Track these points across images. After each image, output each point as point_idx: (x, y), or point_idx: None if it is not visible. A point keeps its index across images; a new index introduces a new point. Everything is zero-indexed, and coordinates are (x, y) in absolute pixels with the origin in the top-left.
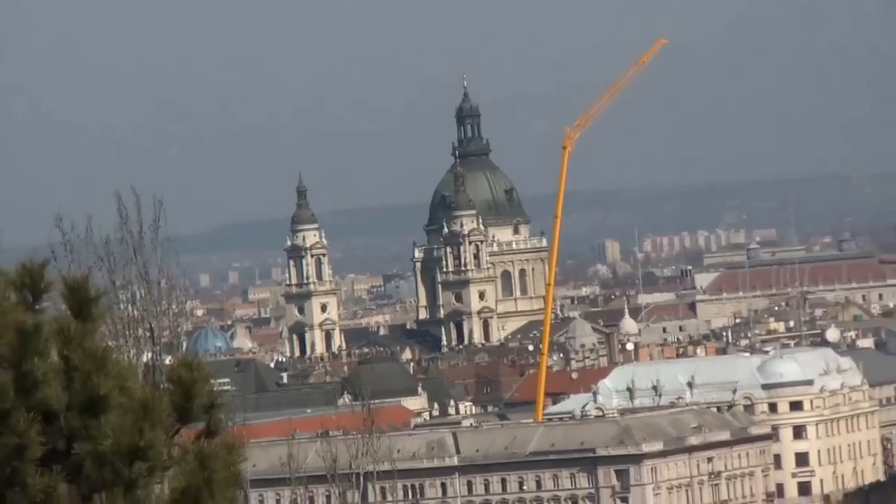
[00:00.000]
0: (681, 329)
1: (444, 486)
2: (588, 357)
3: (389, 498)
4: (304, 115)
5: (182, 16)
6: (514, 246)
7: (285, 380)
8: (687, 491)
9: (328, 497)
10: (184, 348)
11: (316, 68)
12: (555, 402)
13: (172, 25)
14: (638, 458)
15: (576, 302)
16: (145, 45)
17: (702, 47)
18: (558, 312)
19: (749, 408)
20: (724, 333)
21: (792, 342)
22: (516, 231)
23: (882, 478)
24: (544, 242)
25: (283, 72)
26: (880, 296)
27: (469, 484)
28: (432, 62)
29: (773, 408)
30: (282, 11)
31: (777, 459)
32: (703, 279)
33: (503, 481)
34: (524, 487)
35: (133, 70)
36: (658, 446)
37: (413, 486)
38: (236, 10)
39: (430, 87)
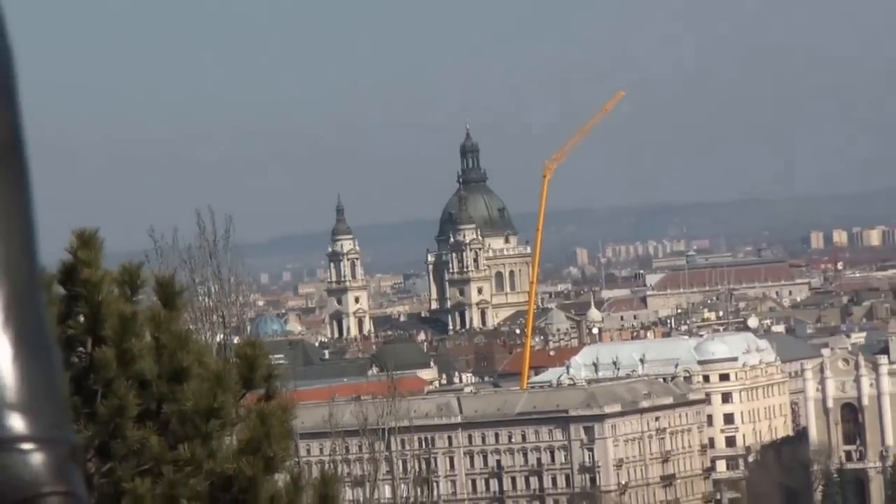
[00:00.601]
0: (635, 317)
1: (450, 438)
2: (562, 339)
3: (407, 447)
4: (342, 154)
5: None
6: (505, 252)
7: (327, 356)
8: (639, 443)
9: (360, 447)
10: (248, 331)
11: (350, 115)
12: (536, 374)
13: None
14: (601, 418)
15: (553, 296)
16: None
17: (653, 94)
18: (539, 304)
19: (687, 379)
20: (669, 321)
21: (721, 328)
22: (507, 241)
23: (790, 433)
24: (528, 250)
25: (327, 116)
26: (790, 292)
27: (469, 437)
28: (442, 109)
29: (706, 379)
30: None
31: (709, 419)
32: (652, 279)
33: (496, 435)
34: (512, 440)
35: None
36: (617, 408)
37: (426, 439)
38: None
39: (440, 129)
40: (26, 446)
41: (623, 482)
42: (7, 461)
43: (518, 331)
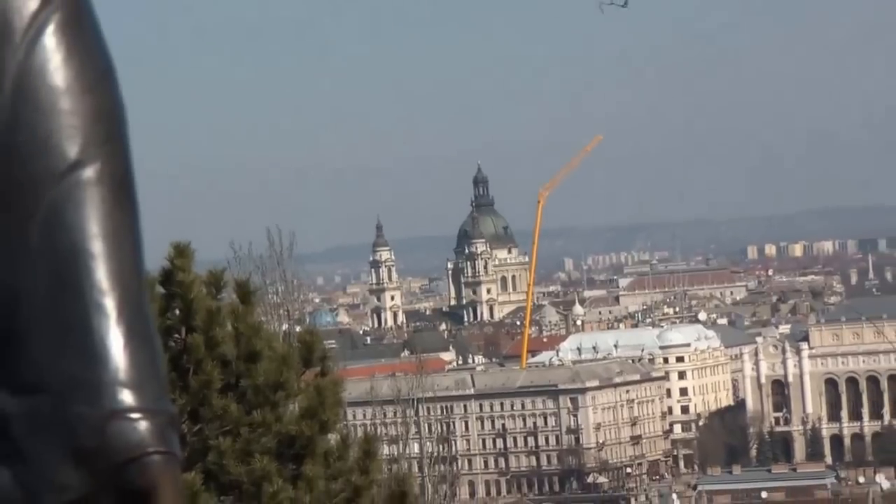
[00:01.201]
0: (610, 312)
1: (465, 406)
2: (553, 329)
3: (432, 414)
4: (381, 183)
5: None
6: (508, 261)
7: (369, 341)
8: (613, 411)
9: (394, 413)
10: (306, 322)
11: (388, 151)
12: (533, 356)
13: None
14: (584, 391)
15: (545, 295)
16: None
17: (623, 138)
18: (535, 302)
19: (651, 360)
20: (637, 315)
21: (677, 320)
22: (509, 252)
23: (732, 403)
24: (526, 259)
25: (370, 152)
26: (731, 292)
27: (480, 406)
28: (459, 149)
29: (665, 360)
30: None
31: (668, 392)
32: (623, 282)
33: (501, 404)
34: (514, 408)
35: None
36: (596, 383)
37: (446, 407)
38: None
39: (457, 164)
40: (135, 416)
41: (601, 441)
42: (120, 428)
43: (518, 322)
